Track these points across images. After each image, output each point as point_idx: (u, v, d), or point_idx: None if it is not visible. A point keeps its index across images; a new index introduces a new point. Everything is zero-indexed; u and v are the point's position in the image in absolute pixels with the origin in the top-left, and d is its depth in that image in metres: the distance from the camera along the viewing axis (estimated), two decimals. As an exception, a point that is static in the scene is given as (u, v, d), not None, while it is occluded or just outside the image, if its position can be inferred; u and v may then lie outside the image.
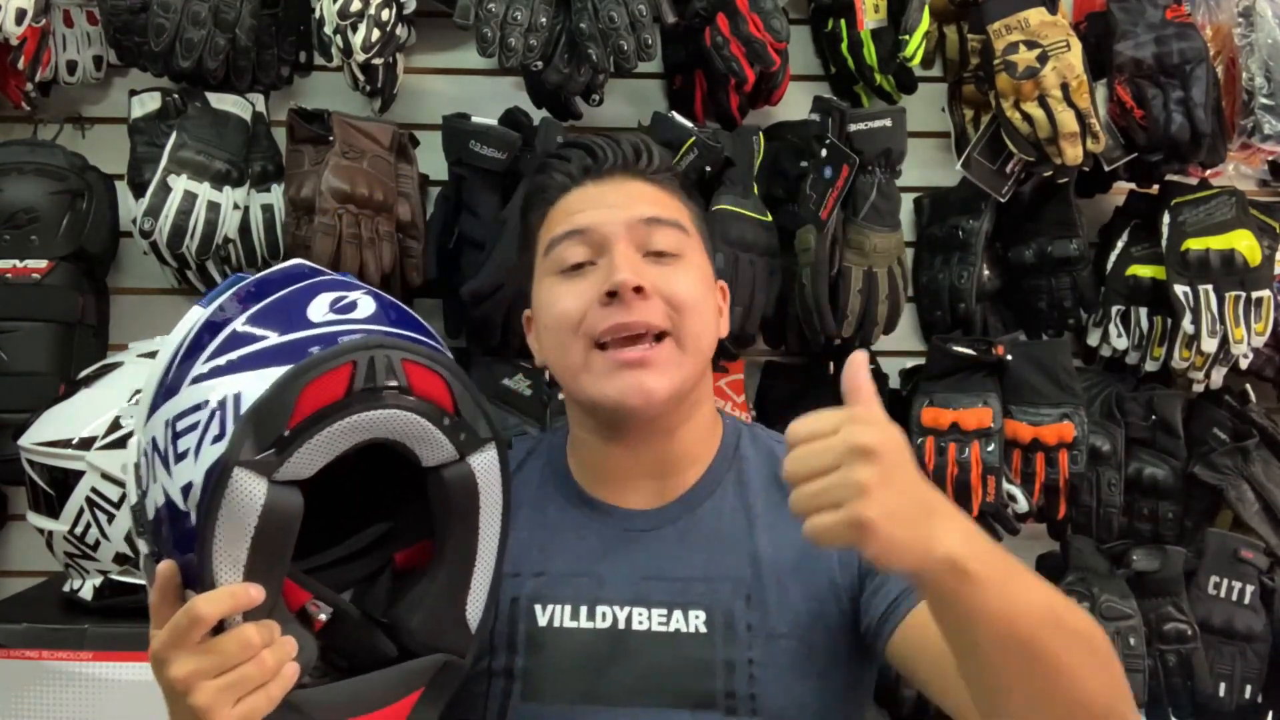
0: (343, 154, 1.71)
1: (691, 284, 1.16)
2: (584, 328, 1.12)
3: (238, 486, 0.86)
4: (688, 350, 1.14)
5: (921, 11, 1.79)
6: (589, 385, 1.13)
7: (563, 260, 1.16)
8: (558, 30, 1.67)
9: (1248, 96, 1.90)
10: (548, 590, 1.15)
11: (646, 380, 1.11)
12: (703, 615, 1.13)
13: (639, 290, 1.11)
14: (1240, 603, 1.84)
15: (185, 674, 0.86)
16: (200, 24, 1.70)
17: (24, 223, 1.74)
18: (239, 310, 0.95)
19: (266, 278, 1.01)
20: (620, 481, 1.20)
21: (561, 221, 1.18)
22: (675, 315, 1.13)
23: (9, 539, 1.89)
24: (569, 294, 1.15)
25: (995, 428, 1.77)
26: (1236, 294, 1.83)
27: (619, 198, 1.18)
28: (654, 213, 1.17)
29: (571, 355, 1.14)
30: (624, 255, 1.13)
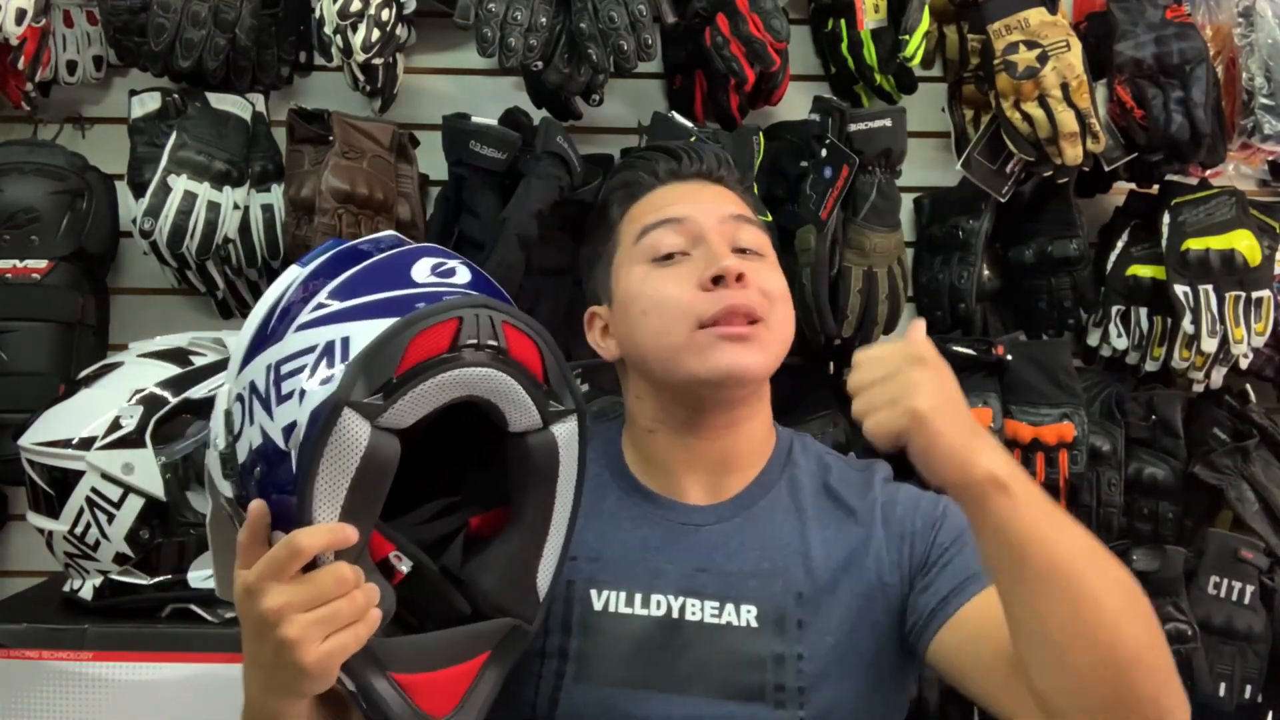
0: (343, 154, 1.71)
1: (777, 278, 1.23)
2: (694, 310, 1.16)
3: (345, 426, 0.89)
4: (777, 339, 1.20)
5: (921, 11, 1.79)
6: (691, 361, 1.16)
7: (657, 248, 1.21)
8: (558, 30, 1.67)
9: (1248, 96, 1.90)
10: (603, 576, 1.18)
11: (744, 355, 1.15)
12: (754, 610, 1.16)
13: (740, 278, 1.16)
14: (1240, 603, 1.83)
15: (279, 604, 0.87)
16: (200, 24, 1.70)
17: (24, 223, 1.74)
18: (343, 268, 0.99)
19: (363, 243, 1.05)
20: (679, 475, 1.23)
21: (652, 212, 1.24)
22: (768, 304, 1.18)
23: (9, 539, 1.89)
24: (671, 280, 1.18)
25: (995, 428, 1.77)
26: (1236, 294, 1.83)
27: (707, 194, 1.26)
28: (739, 210, 1.25)
29: (674, 336, 1.17)
30: (722, 244, 1.19)
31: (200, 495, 1.38)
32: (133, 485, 1.36)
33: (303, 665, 0.87)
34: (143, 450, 1.36)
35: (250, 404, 0.95)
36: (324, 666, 0.88)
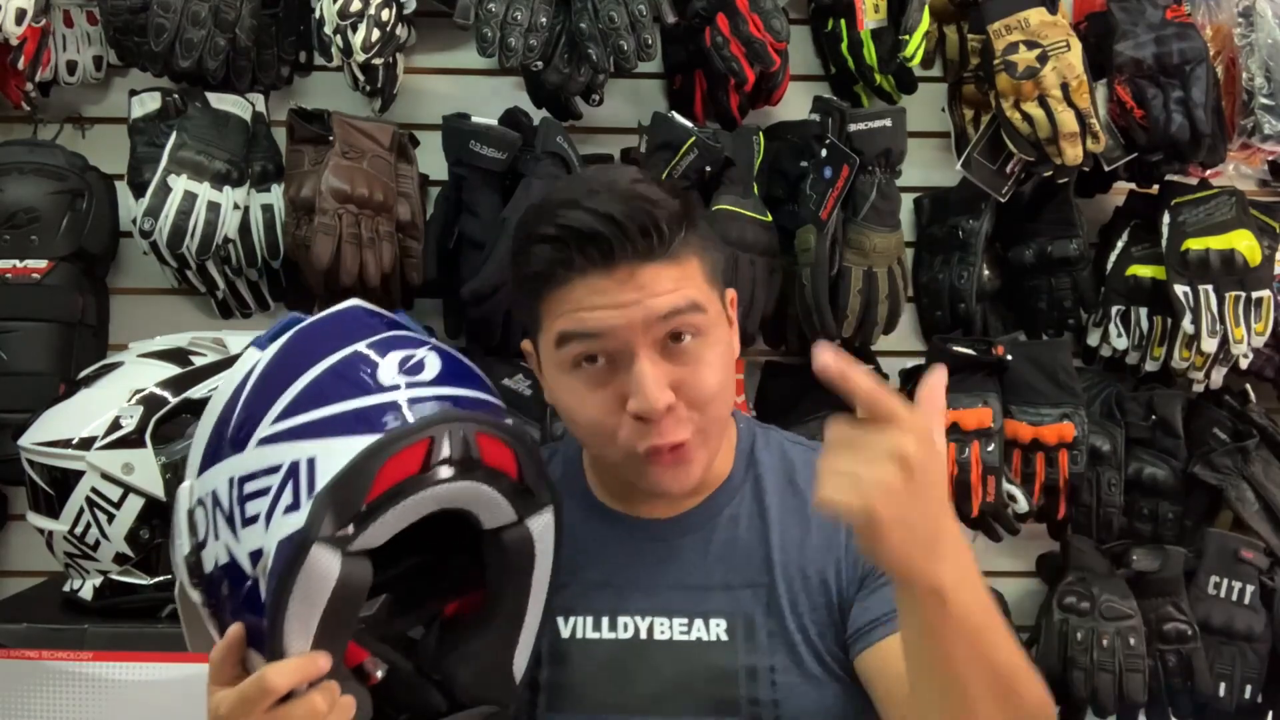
0: (343, 154, 1.71)
1: (712, 374, 1.09)
2: (620, 442, 1.08)
3: (315, 561, 0.86)
4: (711, 435, 1.12)
5: (921, 11, 1.79)
6: (626, 472, 1.12)
7: (576, 358, 1.08)
8: (558, 30, 1.67)
9: (1248, 96, 1.90)
10: (570, 602, 1.16)
11: (681, 477, 1.10)
12: (724, 623, 1.14)
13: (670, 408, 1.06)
14: (1240, 603, 1.84)
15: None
16: (200, 24, 1.70)
17: (24, 223, 1.74)
18: (303, 363, 0.94)
19: (326, 324, 1.00)
20: (640, 495, 1.19)
21: (569, 314, 1.07)
22: (698, 416, 1.08)
23: (8, 539, 1.89)
24: (595, 404, 1.08)
25: (995, 428, 1.77)
26: (1236, 294, 1.83)
27: (632, 292, 1.05)
28: (671, 305, 1.06)
29: (609, 454, 1.11)
30: (647, 371, 1.05)
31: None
32: (133, 485, 1.36)
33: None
34: (143, 450, 1.36)
35: (214, 516, 0.93)
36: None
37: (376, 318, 1.03)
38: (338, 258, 1.67)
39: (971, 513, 1.78)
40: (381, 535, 0.90)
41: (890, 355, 1.97)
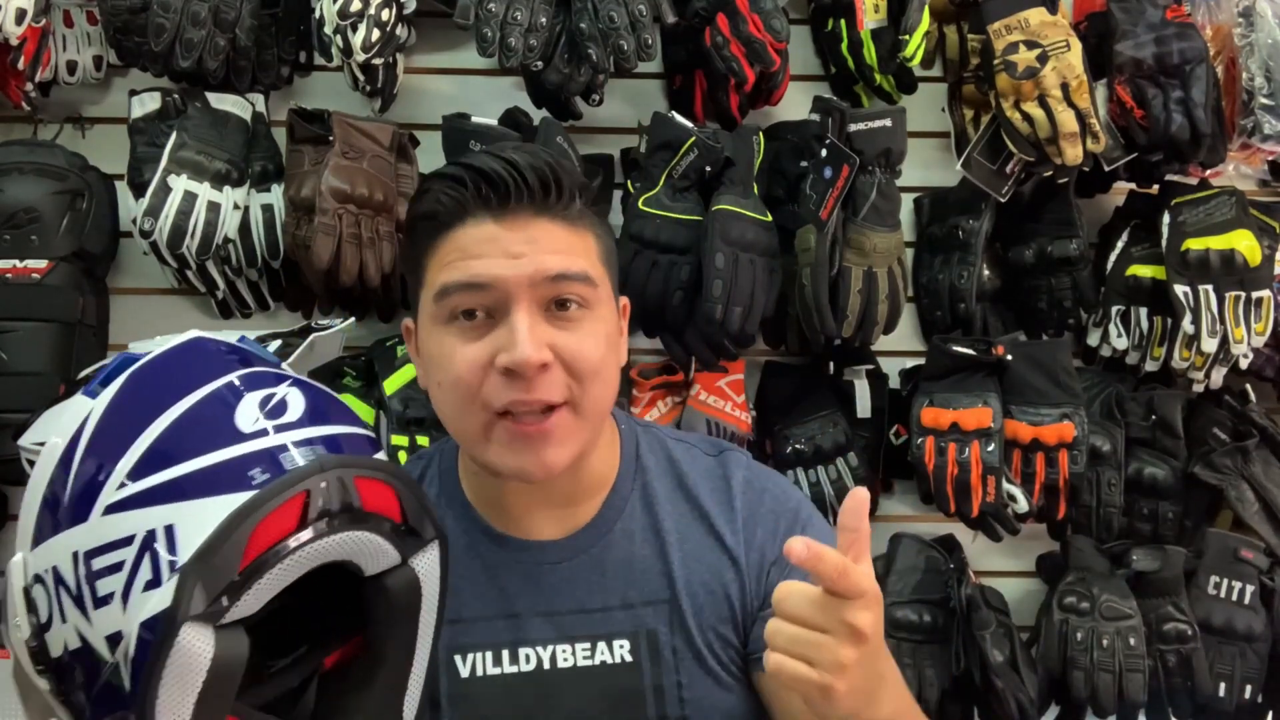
0: (343, 154, 1.71)
1: (594, 348, 1.06)
2: (481, 397, 1.04)
3: (186, 643, 0.77)
4: (586, 417, 1.08)
5: (921, 11, 1.79)
6: (489, 454, 1.07)
7: (454, 310, 1.05)
8: (558, 30, 1.67)
9: (1248, 96, 1.90)
10: (465, 638, 1.13)
11: (546, 454, 1.05)
12: (626, 644, 1.13)
13: (542, 365, 1.03)
14: (1240, 603, 1.84)
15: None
16: (200, 24, 1.69)
17: (24, 223, 1.74)
18: (148, 412, 0.84)
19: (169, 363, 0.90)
20: (527, 513, 1.16)
21: (456, 263, 1.05)
22: (575, 386, 1.05)
23: (9, 539, 1.89)
24: (464, 357, 1.04)
25: (995, 428, 1.77)
26: (1236, 294, 1.83)
27: (524, 243, 1.04)
28: (561, 267, 1.05)
29: (468, 422, 1.06)
30: (526, 325, 1.02)
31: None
32: (134, 485, 1.36)
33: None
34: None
35: (58, 596, 0.82)
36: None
37: (223, 349, 0.93)
38: (338, 258, 1.67)
39: (971, 513, 1.78)
40: (256, 604, 0.80)
41: (890, 355, 1.97)
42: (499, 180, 1.04)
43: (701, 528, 1.17)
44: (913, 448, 1.80)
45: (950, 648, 1.81)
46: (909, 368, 1.97)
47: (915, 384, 1.88)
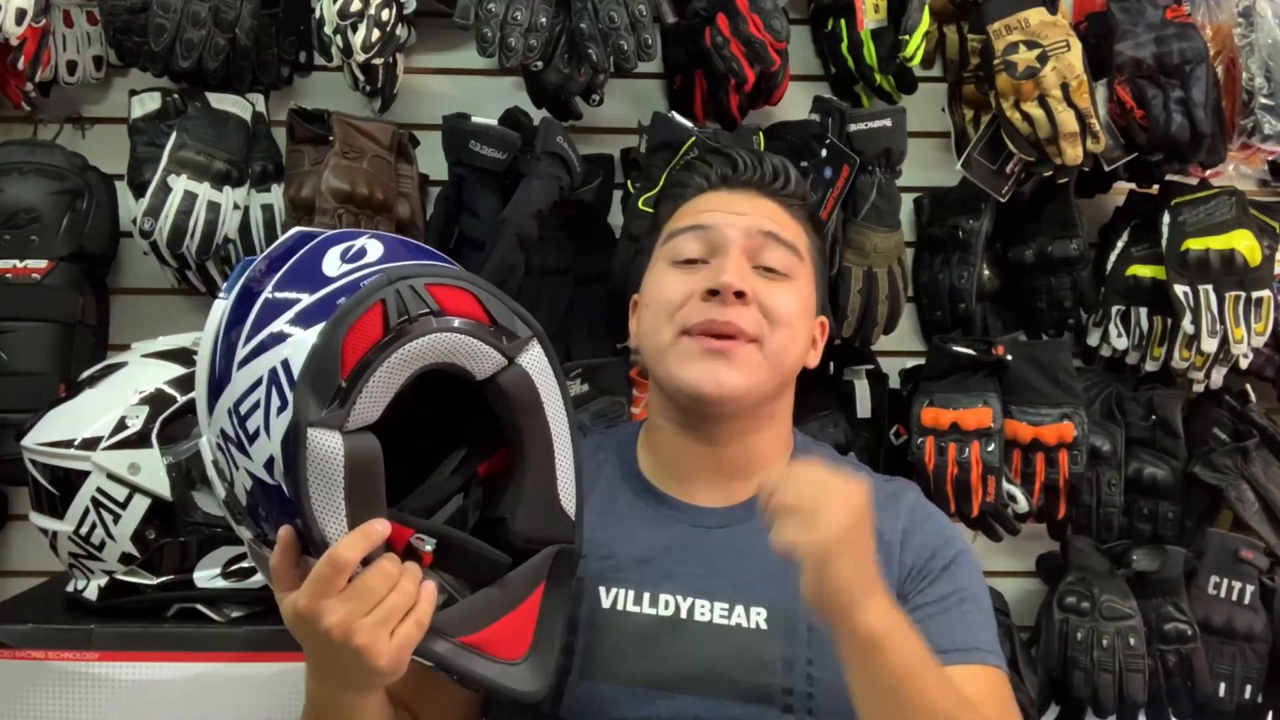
0: (343, 154, 1.71)
1: (790, 301, 1.21)
2: (680, 316, 1.18)
3: (315, 445, 0.89)
4: (770, 361, 1.19)
5: (921, 11, 1.79)
6: (672, 365, 1.18)
7: (678, 252, 1.23)
8: (558, 30, 1.67)
9: (1248, 96, 1.90)
10: (613, 574, 1.18)
11: (722, 371, 1.16)
12: (764, 612, 1.16)
13: (740, 295, 1.16)
14: (1240, 603, 1.84)
15: (341, 618, 0.89)
16: (200, 24, 1.69)
17: (24, 223, 1.73)
18: (260, 287, 0.99)
19: (273, 252, 1.04)
20: (692, 478, 1.24)
21: (688, 216, 1.25)
22: (767, 326, 1.18)
23: (10, 539, 1.89)
24: (676, 282, 1.21)
25: (995, 428, 1.77)
26: (1236, 294, 1.83)
27: (746, 207, 1.24)
28: (774, 229, 1.23)
29: (662, 336, 1.19)
30: (735, 259, 1.19)
31: (206, 495, 1.37)
32: (139, 485, 1.36)
33: (378, 667, 0.90)
34: (149, 450, 1.36)
35: (229, 451, 0.97)
36: (398, 661, 0.91)
37: (321, 233, 1.05)
38: (338, 258, 1.67)
39: (971, 513, 1.78)
40: (374, 408, 0.92)
41: (890, 355, 1.97)
42: (739, 159, 1.28)
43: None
44: (913, 448, 1.80)
45: (950, 648, 1.81)
46: (909, 368, 1.97)
47: (915, 384, 1.88)
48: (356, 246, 1.00)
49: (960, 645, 1.13)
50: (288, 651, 1.31)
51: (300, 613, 0.91)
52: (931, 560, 1.19)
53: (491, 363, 0.99)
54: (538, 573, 1.04)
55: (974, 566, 1.23)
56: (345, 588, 0.90)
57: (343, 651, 0.90)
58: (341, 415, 0.90)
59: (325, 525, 0.91)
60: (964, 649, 1.13)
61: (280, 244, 1.05)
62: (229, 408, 0.95)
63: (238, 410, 0.94)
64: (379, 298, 0.92)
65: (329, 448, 0.90)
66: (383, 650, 0.90)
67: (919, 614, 1.14)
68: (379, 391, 0.92)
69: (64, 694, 1.32)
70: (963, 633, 1.14)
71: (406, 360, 0.93)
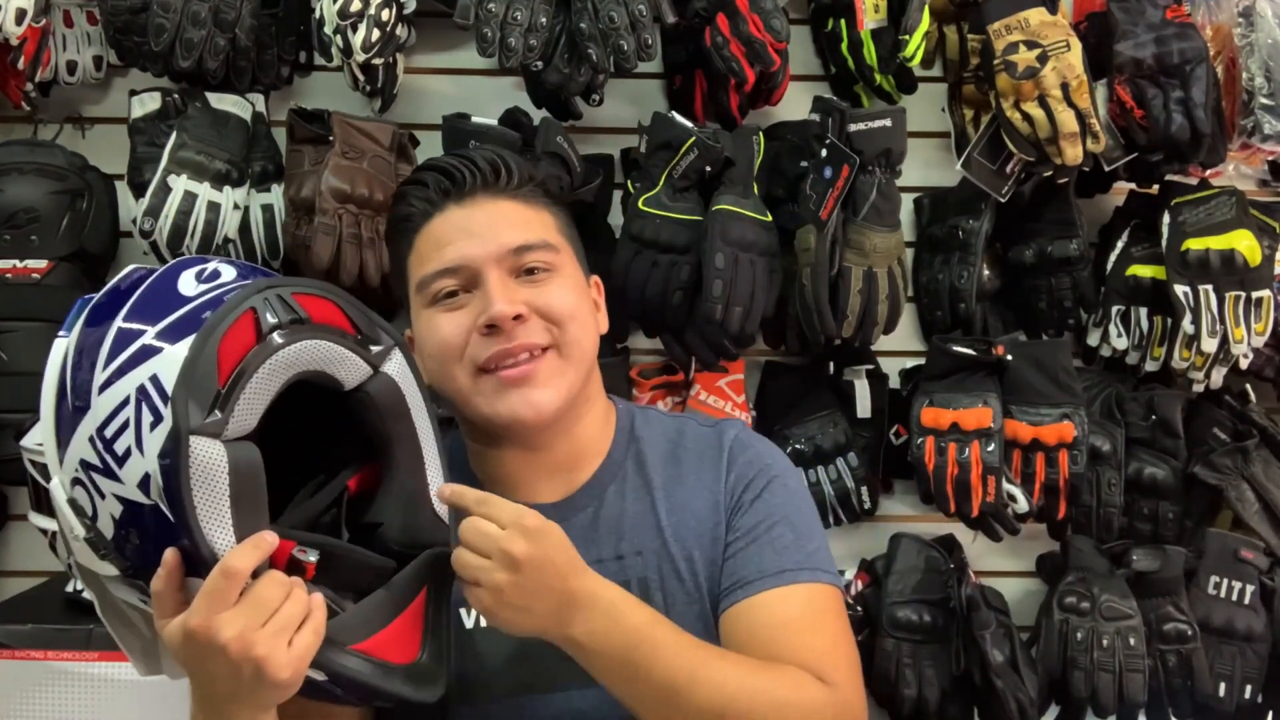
0: (343, 154, 1.71)
1: (566, 295, 1.19)
2: (467, 356, 1.15)
3: (198, 454, 0.87)
4: (571, 358, 1.18)
5: (921, 11, 1.79)
6: (482, 405, 1.16)
7: (436, 294, 1.18)
8: (558, 30, 1.67)
9: (1248, 96, 1.90)
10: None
11: (533, 395, 1.15)
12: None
13: (518, 317, 1.14)
14: (1240, 603, 1.84)
15: (237, 631, 0.87)
16: (200, 24, 1.69)
17: (24, 223, 1.74)
18: (109, 316, 0.96)
19: (115, 287, 1.02)
20: (526, 481, 1.23)
21: (431, 255, 1.19)
22: (555, 329, 1.17)
23: (9, 539, 1.88)
24: (447, 323, 1.17)
25: (995, 428, 1.77)
26: (1236, 294, 1.83)
27: (485, 222, 1.19)
28: (522, 239, 1.18)
29: (458, 381, 1.17)
30: (498, 287, 1.15)
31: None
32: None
33: (277, 678, 0.88)
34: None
35: (92, 481, 0.93)
36: (297, 671, 0.89)
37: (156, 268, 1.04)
38: (338, 258, 1.67)
39: (971, 513, 1.78)
40: (251, 416, 0.91)
41: (890, 355, 1.97)
42: (455, 171, 1.20)
43: (691, 479, 1.23)
44: (913, 448, 1.80)
45: (950, 648, 1.81)
46: (909, 368, 1.97)
47: (915, 384, 1.88)
48: (210, 269, 1.00)
49: (767, 570, 1.15)
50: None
51: (193, 630, 0.87)
52: (744, 493, 1.20)
53: (358, 371, 1.00)
54: (419, 576, 1.03)
55: (790, 489, 1.23)
56: (238, 601, 0.87)
57: (240, 667, 0.87)
58: (221, 422, 0.89)
59: (212, 535, 0.88)
60: (771, 573, 1.15)
61: (120, 279, 1.03)
62: (90, 435, 0.92)
63: (102, 435, 0.92)
64: (250, 305, 0.92)
65: (212, 456, 0.88)
66: (283, 661, 0.87)
67: (732, 548, 1.18)
68: (255, 399, 0.91)
69: (64, 694, 1.32)
70: (771, 557, 1.16)
71: (281, 366, 0.93)
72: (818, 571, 1.17)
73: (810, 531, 1.21)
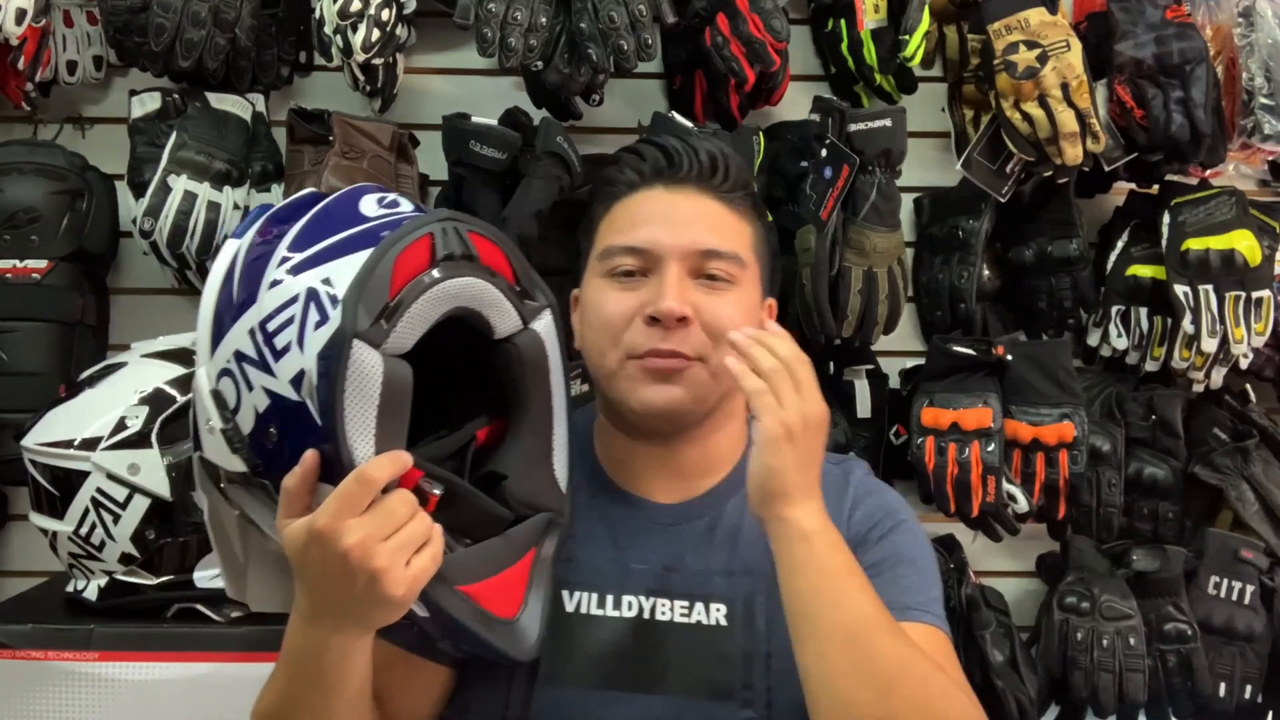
0: (343, 154, 1.71)
1: (734, 313, 1.16)
2: (625, 341, 1.15)
3: (358, 358, 0.89)
4: (717, 376, 1.15)
5: (921, 11, 1.79)
6: (621, 389, 1.16)
7: (614, 267, 1.18)
8: (558, 30, 1.67)
9: (1248, 96, 1.90)
10: (575, 576, 1.17)
11: (673, 393, 1.14)
12: (724, 609, 1.16)
13: (682, 319, 1.13)
14: (1240, 603, 1.84)
15: (360, 538, 0.87)
16: (200, 24, 1.69)
17: (24, 223, 1.74)
18: (286, 225, 0.99)
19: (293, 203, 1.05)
20: (648, 477, 1.23)
21: (623, 228, 1.19)
22: (710, 344, 1.15)
23: (9, 539, 1.89)
24: (616, 302, 1.16)
25: (995, 428, 1.77)
26: (1236, 294, 1.83)
27: (684, 215, 1.18)
28: (713, 244, 1.17)
29: (608, 360, 1.16)
30: (673, 282, 1.14)
31: (207, 495, 1.38)
32: (139, 485, 1.36)
33: (391, 594, 0.89)
34: (149, 450, 1.36)
35: (242, 373, 0.95)
36: (410, 591, 0.90)
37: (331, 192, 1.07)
38: (338, 258, 1.67)
39: (971, 513, 1.78)
40: (410, 336, 0.93)
41: (890, 355, 1.97)
42: (675, 154, 1.20)
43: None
44: (913, 448, 1.80)
45: (950, 647, 1.81)
46: (909, 368, 1.97)
47: (915, 384, 1.88)
48: (390, 197, 1.03)
49: (892, 604, 1.12)
50: (287, 651, 1.31)
51: (319, 530, 0.88)
52: (872, 530, 1.19)
53: (510, 321, 1.03)
54: (533, 535, 1.05)
55: (914, 534, 1.22)
56: (366, 509, 0.88)
57: (357, 576, 0.88)
58: (384, 333, 0.91)
59: (354, 442, 0.90)
60: (895, 607, 1.12)
61: (296, 199, 1.06)
62: (251, 327, 0.94)
63: (264, 328, 0.93)
64: (428, 230, 0.95)
65: (370, 363, 0.90)
66: (398, 577, 0.88)
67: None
68: (418, 319, 0.94)
69: (64, 694, 1.32)
70: (895, 594, 1.13)
71: (447, 295, 0.95)
72: (939, 619, 1.16)
73: (933, 579, 1.20)
